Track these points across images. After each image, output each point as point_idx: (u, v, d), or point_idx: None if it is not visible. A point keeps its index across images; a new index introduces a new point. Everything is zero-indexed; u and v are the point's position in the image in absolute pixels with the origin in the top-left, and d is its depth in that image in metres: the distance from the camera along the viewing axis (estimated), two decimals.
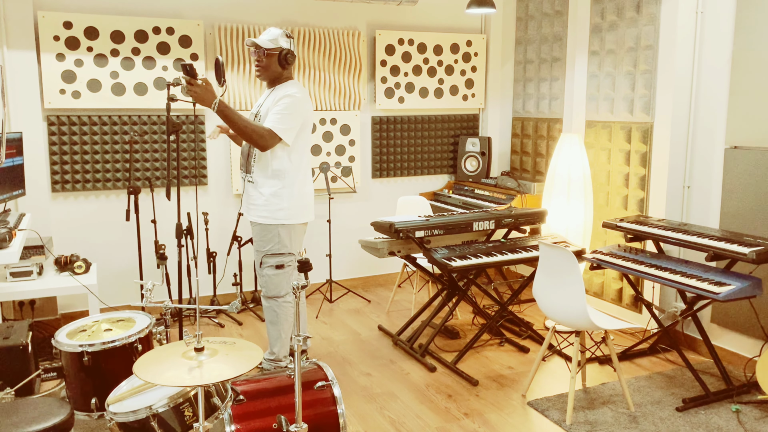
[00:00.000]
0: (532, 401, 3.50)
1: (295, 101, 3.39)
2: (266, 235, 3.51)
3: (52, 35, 4.34)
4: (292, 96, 3.40)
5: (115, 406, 2.00)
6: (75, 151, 4.55)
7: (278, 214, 3.47)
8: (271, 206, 3.47)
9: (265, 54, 3.43)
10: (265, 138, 3.33)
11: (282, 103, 3.38)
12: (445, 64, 5.69)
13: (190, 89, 3.14)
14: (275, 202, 3.46)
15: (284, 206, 3.48)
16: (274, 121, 3.35)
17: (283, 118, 3.36)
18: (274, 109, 3.38)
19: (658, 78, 4.23)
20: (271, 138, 3.34)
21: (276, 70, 3.47)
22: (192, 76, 3.13)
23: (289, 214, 3.50)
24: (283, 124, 3.36)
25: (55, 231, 4.58)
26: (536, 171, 5.62)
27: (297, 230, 3.56)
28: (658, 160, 4.26)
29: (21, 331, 3.45)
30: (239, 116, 3.28)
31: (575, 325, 3.30)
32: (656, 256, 3.78)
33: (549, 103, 5.43)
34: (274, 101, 3.42)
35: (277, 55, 3.43)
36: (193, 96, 3.15)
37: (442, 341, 4.38)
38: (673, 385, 3.68)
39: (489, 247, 4.02)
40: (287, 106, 3.37)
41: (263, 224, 3.50)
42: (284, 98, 3.39)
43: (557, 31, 5.28)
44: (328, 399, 2.45)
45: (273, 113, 3.37)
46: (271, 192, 3.46)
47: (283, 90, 3.44)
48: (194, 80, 3.13)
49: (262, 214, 3.50)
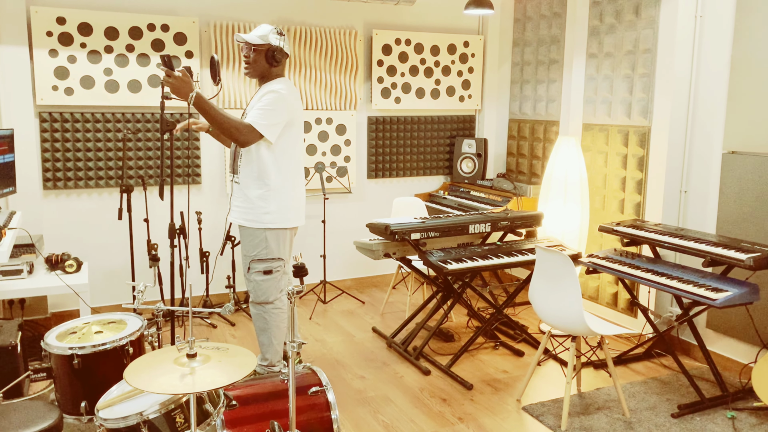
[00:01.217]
0: (527, 406, 3.48)
1: (279, 97, 3.28)
2: (253, 239, 3.39)
3: (45, 31, 4.29)
4: (276, 92, 3.29)
5: (105, 412, 1.96)
6: (67, 148, 4.49)
7: (264, 217, 3.36)
8: (258, 209, 3.35)
9: (253, 50, 3.34)
10: (243, 133, 3.19)
11: (265, 99, 3.28)
12: (442, 65, 5.66)
13: (166, 81, 3.05)
14: (261, 205, 3.35)
15: (271, 209, 3.36)
16: (255, 116, 3.24)
17: (265, 114, 3.24)
18: (257, 105, 3.29)
19: (656, 82, 4.21)
20: (250, 133, 3.21)
21: (263, 66, 3.37)
22: (170, 68, 3.05)
23: (276, 217, 3.37)
24: (264, 120, 3.23)
25: (47, 229, 4.53)
26: (532, 173, 5.60)
27: (285, 235, 3.44)
28: (655, 164, 4.25)
29: (10, 331, 3.40)
30: (217, 111, 3.16)
31: (571, 330, 3.28)
32: (652, 260, 3.76)
33: (546, 105, 5.41)
34: (258, 97, 3.34)
35: (265, 52, 3.34)
36: (170, 87, 3.07)
37: (436, 344, 4.35)
38: (669, 391, 3.66)
39: (485, 250, 3.99)
40: (270, 102, 3.26)
41: (249, 228, 3.39)
42: (268, 94, 3.29)
43: (555, 33, 5.25)
44: (321, 404, 2.42)
45: (256, 108, 3.27)
46: (257, 195, 3.34)
47: (269, 86, 3.34)
48: (171, 71, 3.04)
49: (248, 218, 3.38)
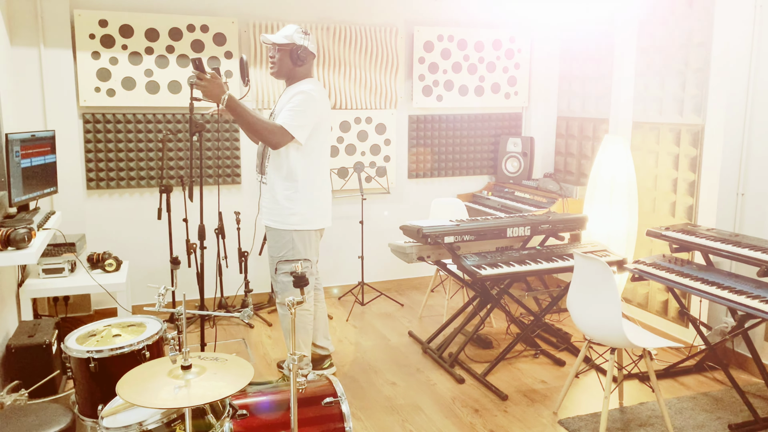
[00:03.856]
0: (564, 420, 3.31)
1: (308, 98, 3.27)
2: (280, 240, 3.39)
3: (88, 33, 4.36)
4: (305, 92, 3.27)
5: (108, 420, 1.94)
6: (109, 149, 4.57)
7: (291, 219, 3.35)
8: (284, 211, 3.35)
9: (277, 50, 3.33)
10: (275, 134, 3.19)
11: (295, 99, 3.26)
12: (487, 61, 5.49)
13: (198, 84, 3.05)
14: (288, 206, 3.34)
15: (298, 211, 3.35)
16: (285, 117, 3.23)
17: (296, 115, 3.23)
18: (287, 105, 3.27)
19: (710, 77, 3.94)
20: (282, 135, 3.20)
21: (288, 66, 3.35)
22: (201, 70, 3.05)
23: (303, 219, 3.37)
24: (294, 121, 3.22)
25: (89, 228, 4.62)
26: (581, 173, 5.37)
27: (312, 236, 3.43)
28: (709, 165, 3.98)
29: (46, 330, 3.46)
30: (249, 113, 3.16)
31: (610, 342, 3.10)
32: (704, 268, 3.52)
33: (595, 103, 5.17)
34: (287, 98, 3.32)
35: (290, 51, 3.32)
36: (201, 90, 3.07)
37: (473, 350, 4.21)
38: (719, 408, 3.42)
39: (523, 255, 3.82)
40: (300, 103, 3.25)
41: (276, 229, 3.39)
42: (297, 95, 3.27)
43: (605, 27, 5.00)
44: (335, 416, 2.34)
45: (285, 110, 3.26)
46: (285, 195, 3.34)
47: (298, 87, 3.33)
48: (203, 75, 3.04)
49: (275, 219, 3.39)
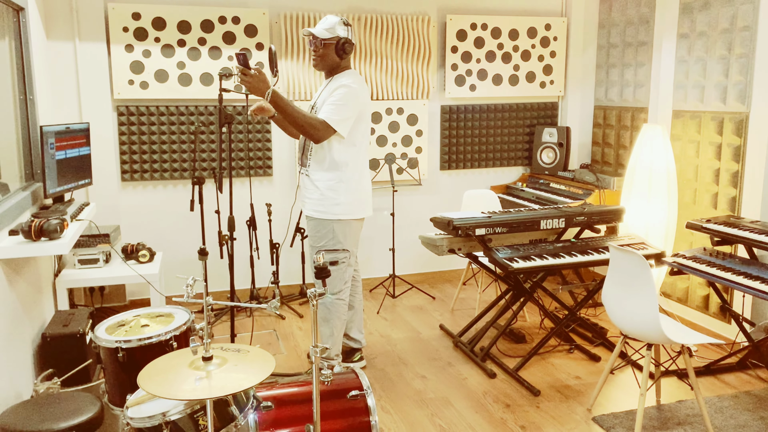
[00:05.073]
0: (598, 417, 3.22)
1: (350, 91, 3.28)
2: (321, 230, 3.41)
3: (122, 26, 4.40)
4: (347, 86, 3.28)
5: (133, 410, 1.94)
6: (143, 141, 4.62)
7: (334, 209, 3.37)
8: (327, 201, 3.37)
9: (322, 44, 3.33)
10: (319, 129, 3.22)
11: (337, 93, 3.28)
12: (521, 50, 5.38)
13: (243, 79, 3.07)
14: (331, 196, 3.36)
15: (341, 201, 3.37)
16: (328, 111, 3.25)
17: (338, 109, 3.25)
18: (329, 99, 3.29)
19: (756, 63, 3.77)
20: (325, 129, 3.24)
21: (333, 60, 3.37)
22: (245, 65, 3.06)
23: (346, 209, 3.38)
24: (337, 115, 3.24)
25: (124, 219, 4.68)
26: (618, 164, 5.22)
27: (353, 226, 3.44)
28: (753, 155, 3.81)
29: (80, 319, 3.51)
30: (293, 107, 3.18)
31: (647, 338, 2.99)
32: (747, 262, 3.38)
33: (633, 91, 5.02)
34: (329, 92, 3.33)
35: (335, 45, 3.33)
36: (246, 86, 3.09)
37: (505, 345, 4.14)
38: (763, 408, 3.29)
39: (557, 248, 3.73)
40: (342, 97, 3.26)
41: (318, 219, 3.41)
42: (339, 88, 3.28)
43: (644, 12, 4.85)
44: (360, 409, 2.31)
45: (328, 104, 3.28)
46: (327, 186, 3.36)
47: (339, 80, 3.34)
48: (247, 70, 3.06)
49: (317, 209, 3.41)
